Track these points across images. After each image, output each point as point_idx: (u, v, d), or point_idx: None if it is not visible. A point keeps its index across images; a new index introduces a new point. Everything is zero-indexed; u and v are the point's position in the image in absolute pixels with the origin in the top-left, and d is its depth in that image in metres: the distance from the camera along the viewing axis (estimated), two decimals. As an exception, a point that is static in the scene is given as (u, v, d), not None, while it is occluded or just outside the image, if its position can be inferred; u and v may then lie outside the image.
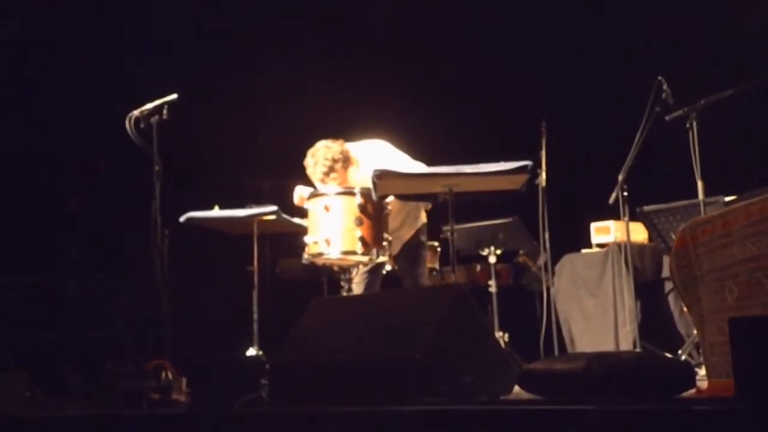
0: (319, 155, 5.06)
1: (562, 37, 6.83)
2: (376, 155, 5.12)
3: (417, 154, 5.18)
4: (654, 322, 5.63)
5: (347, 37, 7.18)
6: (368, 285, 5.27)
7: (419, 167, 5.01)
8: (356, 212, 4.81)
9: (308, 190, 5.05)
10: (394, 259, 4.97)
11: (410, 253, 5.30)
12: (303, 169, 5.14)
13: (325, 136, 5.16)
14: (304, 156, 5.13)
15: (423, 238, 5.41)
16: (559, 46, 6.83)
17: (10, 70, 6.58)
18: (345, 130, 5.35)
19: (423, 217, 5.40)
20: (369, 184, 4.83)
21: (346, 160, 5.10)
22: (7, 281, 6.21)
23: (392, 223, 5.08)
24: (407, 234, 5.30)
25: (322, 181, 5.07)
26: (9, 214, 6.44)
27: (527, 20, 6.98)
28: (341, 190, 4.92)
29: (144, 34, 6.91)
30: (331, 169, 5.05)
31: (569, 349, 5.87)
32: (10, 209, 6.44)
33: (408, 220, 5.30)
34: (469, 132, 6.77)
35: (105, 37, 6.84)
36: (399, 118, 6.39)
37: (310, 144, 5.14)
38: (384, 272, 5.20)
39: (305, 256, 4.90)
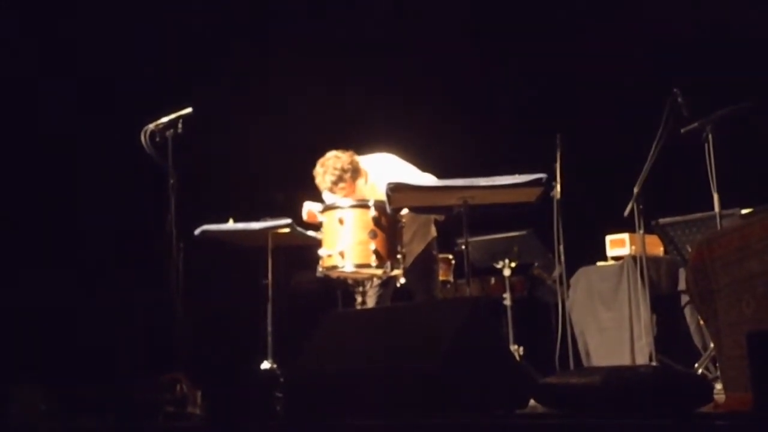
0: (329, 164, 5.06)
1: (577, 48, 6.82)
2: (385, 168, 5.12)
3: (432, 166, 5.17)
4: (670, 335, 5.59)
5: (362, 49, 7.19)
6: (380, 298, 5.26)
7: (428, 178, 5.01)
8: (370, 225, 4.80)
9: (317, 205, 5.05)
10: (405, 272, 4.96)
11: (422, 267, 5.27)
12: (314, 179, 5.14)
13: (339, 148, 5.17)
14: (315, 167, 5.13)
15: (434, 252, 5.40)
16: (574, 58, 6.82)
17: (22, 81, 6.61)
18: (360, 142, 5.36)
19: (433, 231, 5.38)
20: (376, 197, 4.83)
21: (355, 171, 5.10)
22: (22, 294, 6.23)
23: (404, 236, 5.07)
24: (418, 248, 5.29)
25: (331, 190, 5.07)
26: (24, 229, 6.46)
27: (543, 31, 6.97)
28: (355, 202, 4.92)
29: (158, 47, 6.94)
30: (340, 179, 5.04)
31: (585, 363, 5.84)
32: (25, 224, 6.47)
33: (419, 234, 5.29)
34: (484, 144, 6.77)
35: (119, 48, 6.87)
36: (414, 131, 6.40)
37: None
38: (398, 285, 5.19)
39: (319, 269, 4.89)
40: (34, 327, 6.23)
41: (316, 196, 5.22)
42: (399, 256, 4.86)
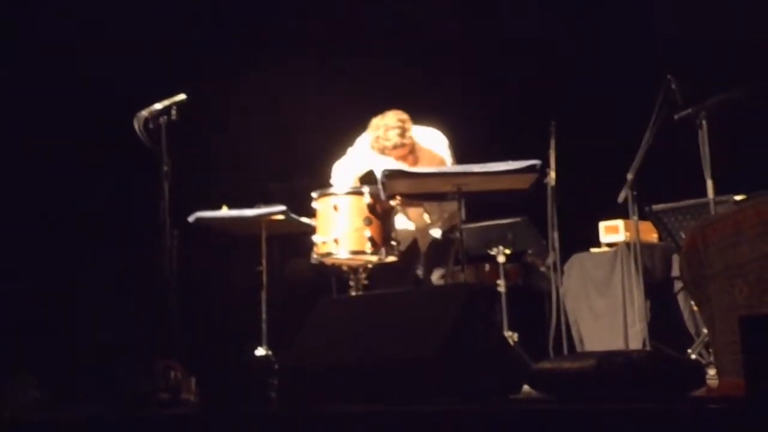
0: (390, 119, 5.03)
1: (571, 35, 6.81)
2: (434, 143, 5.13)
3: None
4: (664, 321, 5.61)
5: (357, 38, 7.18)
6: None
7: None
8: (365, 212, 4.81)
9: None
10: (424, 254, 4.99)
11: (443, 244, 5.27)
12: (310, 169, 5.13)
13: (334, 137, 5.16)
14: (313, 157, 5.11)
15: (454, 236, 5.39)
16: (568, 45, 6.81)
17: (18, 70, 6.59)
18: (354, 130, 5.35)
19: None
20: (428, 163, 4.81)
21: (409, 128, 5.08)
22: (16, 284, 6.22)
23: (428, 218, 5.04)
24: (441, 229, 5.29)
25: (400, 143, 5.00)
26: (17, 217, 6.45)
27: (536, 18, 6.96)
28: (350, 189, 4.92)
29: (153, 33, 6.91)
30: (404, 131, 5.01)
31: (578, 349, 5.85)
32: (18, 212, 6.45)
33: (445, 220, 5.30)
34: (478, 131, 6.76)
35: (113, 35, 6.84)
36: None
37: (317, 146, 5.13)
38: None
39: (314, 256, 4.91)
40: (27, 316, 6.23)
41: (315, 185, 5.20)
42: (393, 242, 4.88)
